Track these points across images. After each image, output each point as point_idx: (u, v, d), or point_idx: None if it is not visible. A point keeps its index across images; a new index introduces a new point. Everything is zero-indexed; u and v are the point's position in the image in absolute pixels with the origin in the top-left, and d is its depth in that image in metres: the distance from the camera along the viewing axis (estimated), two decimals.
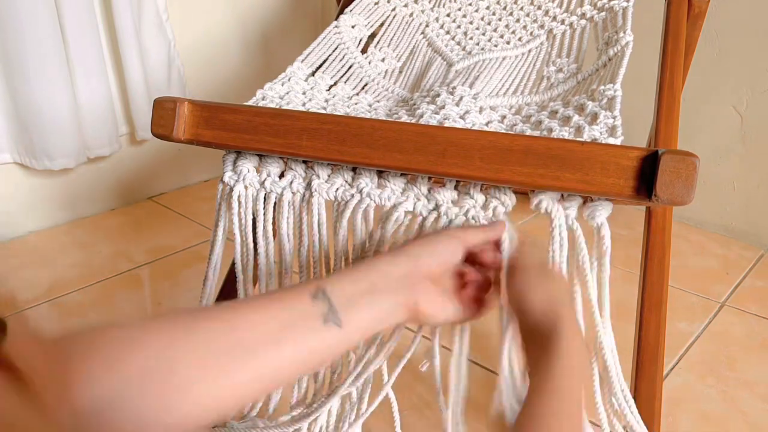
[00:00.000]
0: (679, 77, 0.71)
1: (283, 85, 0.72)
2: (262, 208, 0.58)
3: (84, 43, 1.19)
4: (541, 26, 0.83)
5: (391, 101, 0.77)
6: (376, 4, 0.89)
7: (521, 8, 0.87)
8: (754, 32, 1.21)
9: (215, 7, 1.49)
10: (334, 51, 0.80)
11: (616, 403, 0.49)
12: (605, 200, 0.47)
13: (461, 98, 0.67)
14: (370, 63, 0.82)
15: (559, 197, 0.48)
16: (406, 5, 0.91)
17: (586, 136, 0.53)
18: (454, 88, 0.69)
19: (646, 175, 0.43)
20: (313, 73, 0.76)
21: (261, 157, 0.58)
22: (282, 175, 0.58)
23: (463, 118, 0.64)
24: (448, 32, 0.88)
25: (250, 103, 0.67)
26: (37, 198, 1.29)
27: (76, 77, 1.20)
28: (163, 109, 0.57)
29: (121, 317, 1.03)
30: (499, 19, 0.87)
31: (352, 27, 0.84)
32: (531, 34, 0.83)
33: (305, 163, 0.57)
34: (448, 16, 0.90)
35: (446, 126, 0.61)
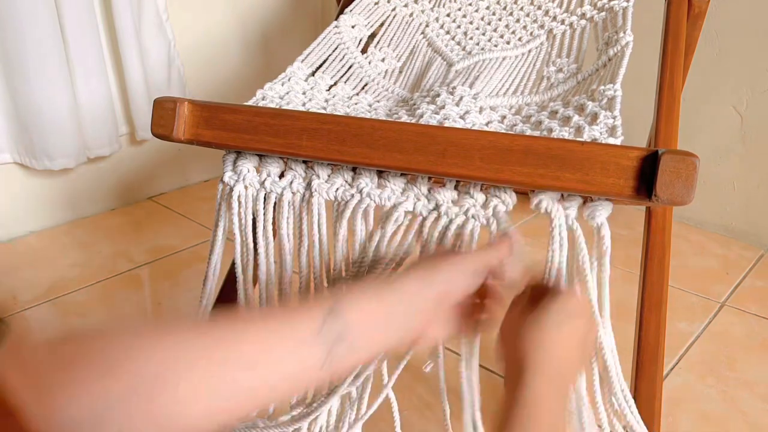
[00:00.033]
0: (679, 77, 0.71)
1: (283, 85, 0.72)
2: (262, 208, 0.58)
3: (84, 43, 1.19)
4: (541, 26, 0.83)
5: (391, 101, 0.77)
6: (376, 4, 0.89)
7: (521, 8, 0.87)
8: (754, 32, 1.21)
9: (215, 7, 1.49)
10: (334, 51, 0.80)
11: (616, 403, 0.49)
12: (605, 200, 0.47)
13: (461, 98, 0.67)
14: (370, 63, 0.82)
15: (559, 197, 0.48)
16: (406, 5, 0.91)
17: (586, 136, 0.53)
18: (454, 88, 0.69)
19: (646, 175, 0.43)
20: (313, 73, 0.76)
21: (261, 157, 0.58)
22: (282, 175, 0.58)
23: (463, 118, 0.64)
24: (448, 32, 0.88)
25: (250, 103, 0.67)
26: (37, 198, 1.29)
27: (76, 77, 1.20)
28: (163, 109, 0.57)
29: (122, 317, 1.03)
30: (499, 19, 0.87)
31: (352, 27, 0.84)
32: (531, 34, 0.83)
33: (305, 163, 0.57)
34: (448, 16, 0.90)
35: (446, 126, 0.61)
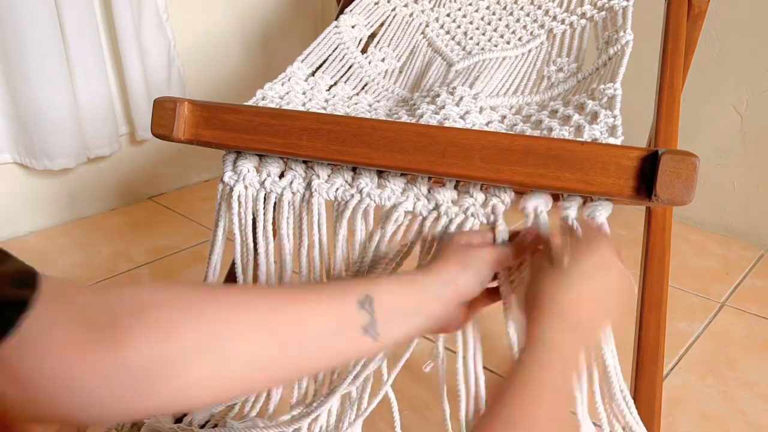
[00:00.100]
0: (679, 77, 0.71)
1: (283, 85, 0.72)
2: (262, 208, 0.58)
3: (84, 43, 1.19)
4: (542, 26, 0.83)
5: (391, 101, 0.77)
6: (376, 4, 0.89)
7: (521, 8, 0.87)
8: (754, 32, 1.21)
9: (215, 7, 1.49)
10: (334, 51, 0.80)
11: (616, 404, 0.49)
12: (605, 200, 0.47)
13: (461, 98, 0.67)
14: (370, 63, 0.82)
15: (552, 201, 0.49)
16: (406, 5, 0.91)
17: (586, 136, 0.53)
18: (454, 88, 0.69)
19: (646, 175, 0.43)
20: (313, 73, 0.76)
21: (261, 157, 0.58)
22: (282, 175, 0.58)
23: (463, 118, 0.64)
24: (448, 32, 0.88)
25: (250, 103, 0.67)
26: (37, 198, 1.29)
27: (76, 77, 1.20)
28: (163, 109, 0.57)
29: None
30: (499, 19, 0.87)
31: (352, 27, 0.84)
32: (531, 33, 0.83)
33: (305, 163, 0.57)
34: (448, 16, 0.90)
35: (446, 126, 0.61)
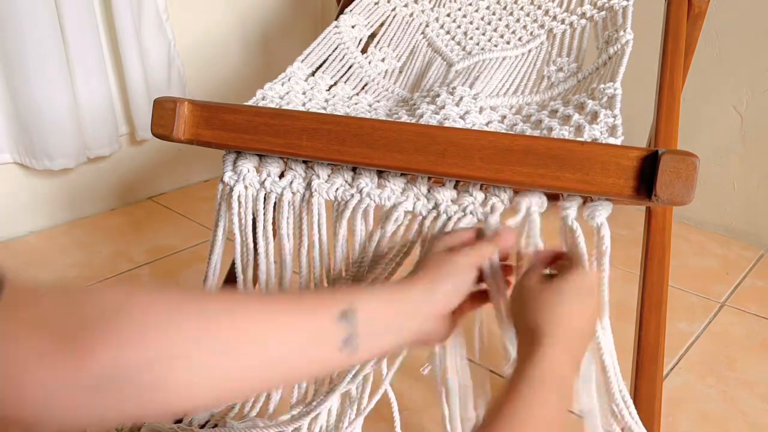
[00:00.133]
0: (679, 77, 0.71)
1: (283, 85, 0.72)
2: (262, 208, 0.58)
3: (84, 43, 1.19)
4: (541, 26, 0.83)
5: (391, 101, 0.77)
6: (376, 4, 0.89)
7: (521, 8, 0.87)
8: (754, 32, 1.21)
9: (215, 7, 1.49)
10: (334, 51, 0.80)
11: (615, 405, 0.49)
12: (605, 200, 0.47)
13: (461, 98, 0.67)
14: (370, 63, 0.82)
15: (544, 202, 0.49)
16: (406, 5, 0.91)
17: (586, 135, 0.53)
18: (454, 88, 0.69)
19: (646, 175, 0.43)
20: (313, 73, 0.76)
21: (261, 157, 0.58)
22: (282, 175, 0.58)
23: (463, 118, 0.64)
24: (448, 32, 0.88)
25: (250, 103, 0.67)
26: (37, 198, 1.29)
27: (76, 77, 1.20)
28: (163, 109, 0.57)
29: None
30: (499, 19, 0.87)
31: (352, 27, 0.84)
32: (531, 33, 0.83)
33: (305, 163, 0.57)
34: (448, 16, 0.90)
35: (446, 126, 0.61)
